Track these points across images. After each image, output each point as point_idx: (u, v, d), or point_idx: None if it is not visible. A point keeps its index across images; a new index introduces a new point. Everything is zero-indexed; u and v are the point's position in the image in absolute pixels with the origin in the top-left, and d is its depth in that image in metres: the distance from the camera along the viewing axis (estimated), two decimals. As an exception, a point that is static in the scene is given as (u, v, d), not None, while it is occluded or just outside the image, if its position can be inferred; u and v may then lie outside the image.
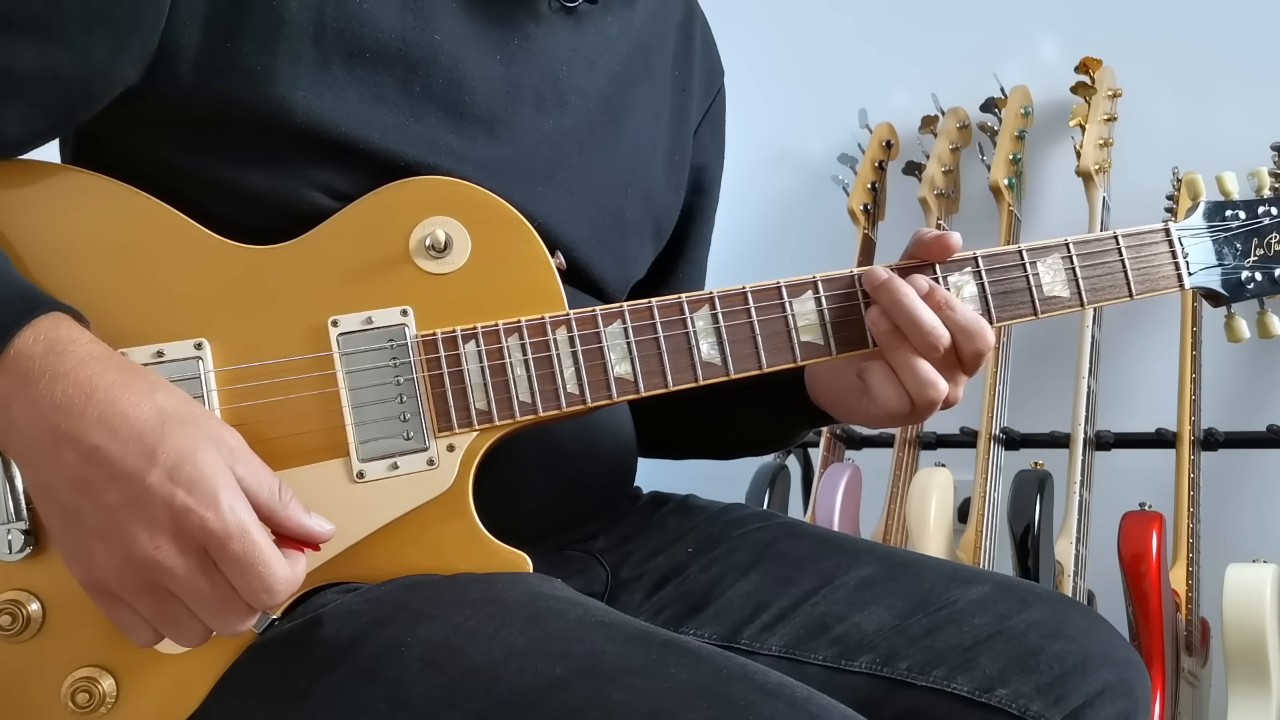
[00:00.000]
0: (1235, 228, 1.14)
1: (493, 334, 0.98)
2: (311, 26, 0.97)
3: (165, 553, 0.83)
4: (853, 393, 1.09)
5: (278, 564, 0.85)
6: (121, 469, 0.83)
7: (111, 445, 0.83)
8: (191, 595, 0.84)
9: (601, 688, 0.83)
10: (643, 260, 1.22)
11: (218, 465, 0.84)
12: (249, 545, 0.83)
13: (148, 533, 0.82)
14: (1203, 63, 2.24)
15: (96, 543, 0.84)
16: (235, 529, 0.83)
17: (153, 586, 0.84)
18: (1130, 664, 1.08)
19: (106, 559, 0.84)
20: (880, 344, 1.03)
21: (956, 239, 1.05)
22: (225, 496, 0.83)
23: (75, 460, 0.83)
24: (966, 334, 1.03)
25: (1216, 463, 2.08)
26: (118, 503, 0.83)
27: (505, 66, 1.06)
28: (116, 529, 0.83)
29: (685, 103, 1.25)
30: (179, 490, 0.82)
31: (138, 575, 0.84)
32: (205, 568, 0.84)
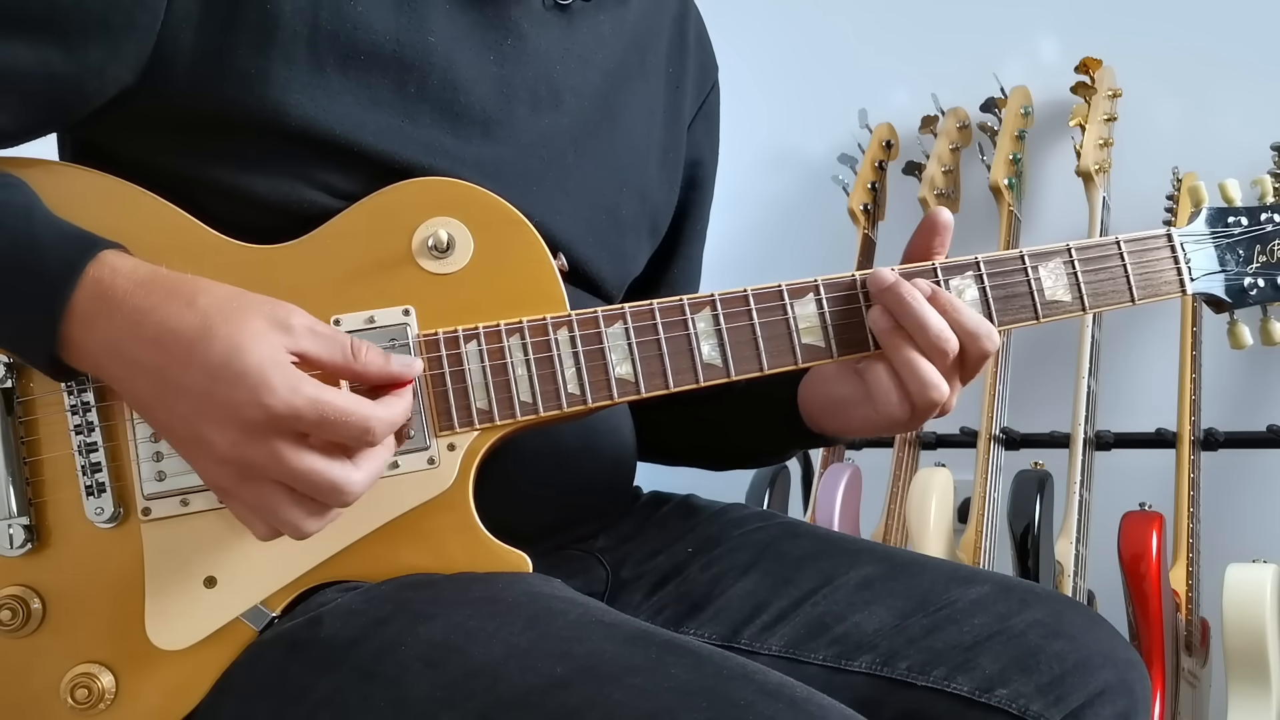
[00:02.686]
0: (1238, 234, 1.14)
1: (494, 334, 0.98)
2: (305, 29, 0.97)
3: (243, 447, 0.85)
4: (848, 402, 1.09)
5: (363, 406, 0.87)
6: (182, 383, 0.86)
7: (168, 363, 0.86)
8: (287, 478, 0.86)
9: (601, 688, 0.83)
10: (640, 258, 1.22)
11: (268, 351, 0.85)
12: (324, 409, 0.85)
13: (219, 433, 0.85)
14: (1203, 63, 2.24)
15: (191, 449, 0.88)
16: (302, 401, 0.85)
17: (251, 479, 0.87)
18: (1130, 664, 1.08)
19: (203, 461, 0.88)
20: (882, 343, 1.03)
21: (946, 215, 1.05)
22: (277, 377, 0.85)
23: (146, 382, 0.87)
24: (972, 336, 1.02)
25: (1216, 463, 2.08)
26: (189, 412, 0.86)
27: (499, 67, 1.06)
28: (197, 436, 0.86)
29: (679, 99, 1.25)
30: (233, 388, 0.84)
31: (232, 473, 0.87)
32: (287, 451, 0.85)
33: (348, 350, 0.89)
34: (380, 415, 0.88)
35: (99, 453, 0.95)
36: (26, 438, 0.95)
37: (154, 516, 0.95)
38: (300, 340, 0.87)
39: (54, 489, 0.95)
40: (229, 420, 0.85)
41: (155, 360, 0.86)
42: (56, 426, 0.95)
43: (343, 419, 0.86)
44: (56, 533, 0.95)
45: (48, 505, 0.95)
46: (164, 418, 0.88)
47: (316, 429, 0.85)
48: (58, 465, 0.95)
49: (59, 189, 0.97)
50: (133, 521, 0.95)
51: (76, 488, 0.95)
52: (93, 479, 0.95)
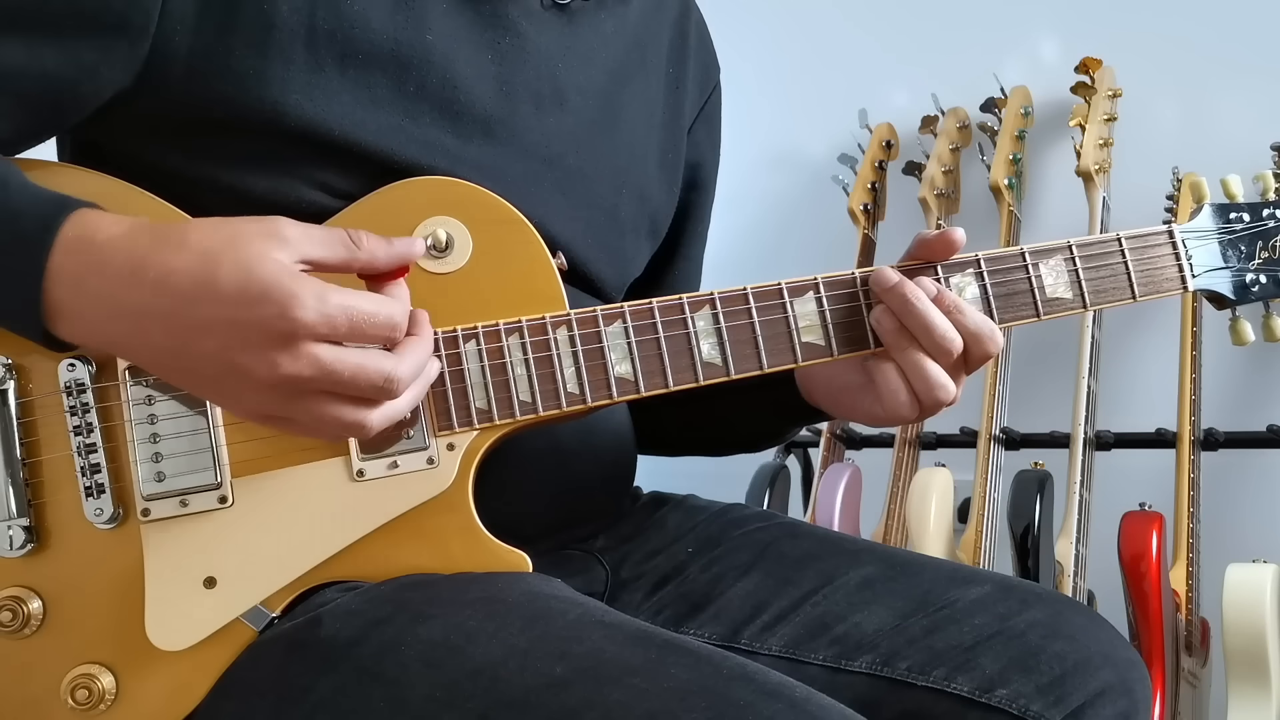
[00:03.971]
0: (1240, 230, 1.14)
1: (493, 333, 0.98)
2: (303, 29, 0.97)
3: (284, 366, 0.83)
4: (853, 391, 1.09)
5: (385, 304, 0.87)
6: (200, 319, 0.84)
7: (179, 305, 0.84)
8: (334, 384, 0.85)
9: (601, 688, 0.83)
10: (639, 259, 1.22)
11: (278, 267, 0.84)
12: (350, 311, 0.85)
13: (256, 358, 0.83)
14: (1203, 63, 2.24)
15: (228, 384, 0.86)
16: (332, 308, 0.84)
17: (300, 394, 0.85)
18: (1130, 664, 1.08)
19: (244, 393, 0.86)
20: (886, 344, 1.03)
21: (960, 235, 1.04)
22: (301, 287, 0.83)
23: (160, 330, 0.85)
24: (976, 338, 1.02)
25: (1216, 463, 2.08)
26: (217, 348, 0.84)
27: (497, 66, 1.06)
28: (233, 369, 0.84)
29: (680, 100, 1.25)
30: (258, 308, 0.83)
31: (279, 396, 0.85)
32: (326, 357, 0.84)
33: (349, 242, 0.88)
34: (401, 309, 0.88)
35: (98, 453, 0.94)
36: (26, 439, 0.95)
37: (153, 517, 0.94)
38: (301, 247, 0.86)
39: (53, 490, 0.95)
40: (263, 341, 0.83)
41: (164, 305, 0.84)
42: (55, 427, 0.95)
43: (371, 318, 0.85)
44: (56, 534, 0.95)
45: (47, 506, 0.95)
46: (187, 364, 0.86)
47: (349, 332, 0.85)
48: (57, 466, 0.95)
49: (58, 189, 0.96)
50: (132, 522, 0.95)
51: (76, 489, 0.95)
52: (92, 480, 0.94)
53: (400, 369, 0.87)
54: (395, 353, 0.87)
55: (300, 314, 0.83)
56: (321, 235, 0.88)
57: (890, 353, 1.03)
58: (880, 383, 1.04)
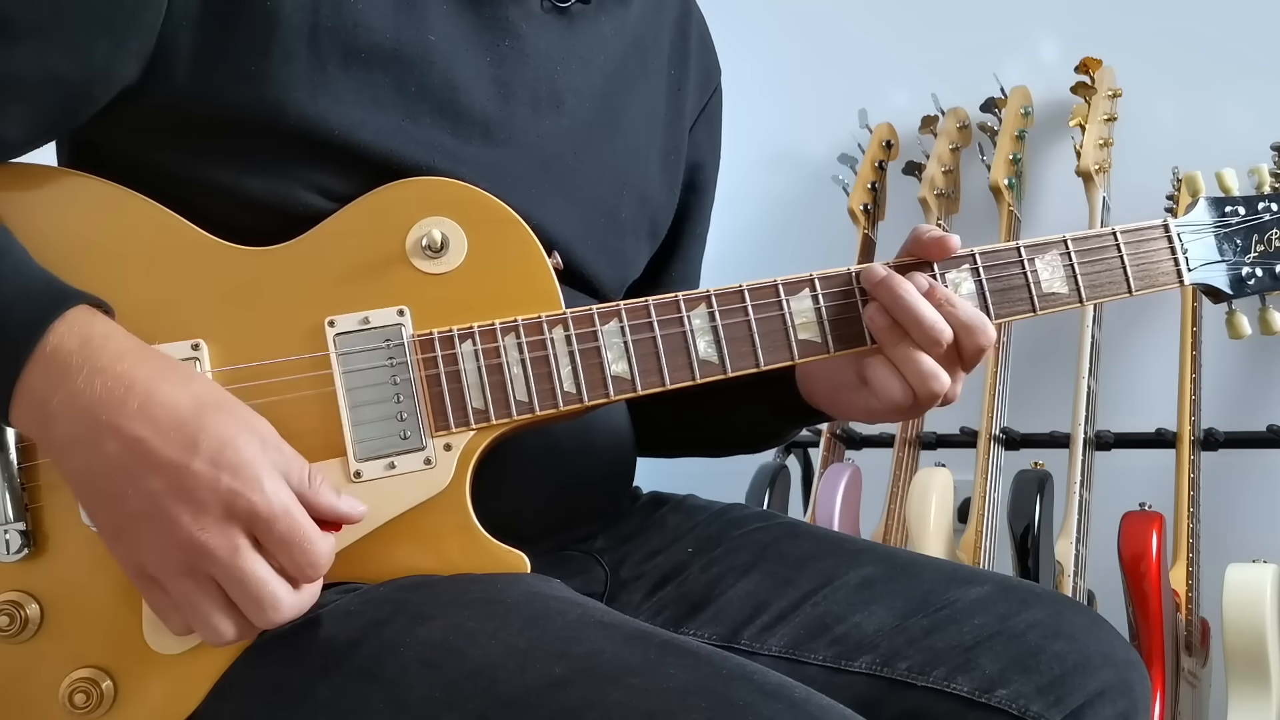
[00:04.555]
0: (1235, 224, 1.14)
1: (489, 333, 0.98)
2: (305, 28, 0.97)
3: (209, 534, 0.84)
4: (850, 388, 1.10)
5: (320, 540, 0.88)
6: (164, 457, 0.85)
7: (153, 436, 0.85)
8: (232, 577, 0.85)
9: (600, 688, 0.82)
10: (639, 260, 1.22)
11: (256, 449, 0.87)
12: (293, 524, 0.86)
13: (191, 515, 0.84)
14: (1203, 62, 2.24)
15: (141, 526, 0.86)
16: (280, 509, 0.86)
17: (194, 571, 0.86)
18: (1130, 664, 1.08)
19: (150, 542, 0.86)
20: (880, 340, 1.03)
21: (955, 240, 1.05)
22: (268, 478, 0.86)
23: (118, 450, 0.85)
24: (968, 330, 1.03)
25: (1216, 463, 2.08)
26: (161, 489, 0.85)
27: (496, 68, 1.05)
28: (160, 513, 0.85)
29: (680, 101, 1.25)
30: (223, 474, 0.85)
31: (180, 558, 0.85)
32: (246, 550, 0.85)
33: (304, 475, 0.89)
34: (328, 554, 0.89)
35: (94, 456, 0.94)
36: (22, 443, 0.95)
37: (150, 519, 0.94)
38: (270, 451, 0.88)
39: (50, 494, 0.95)
40: (207, 504, 0.84)
41: (135, 430, 0.85)
42: (52, 430, 0.95)
43: (305, 543, 0.87)
44: (53, 538, 0.95)
45: (44, 510, 0.95)
46: (118, 487, 0.86)
47: (280, 543, 0.86)
48: (54, 470, 0.95)
49: (53, 195, 0.96)
50: (129, 524, 0.95)
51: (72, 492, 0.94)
52: (89, 483, 0.94)
53: (289, 601, 0.88)
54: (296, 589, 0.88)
55: (256, 498, 0.85)
56: (290, 455, 0.89)
57: (883, 348, 1.04)
58: (874, 377, 1.04)
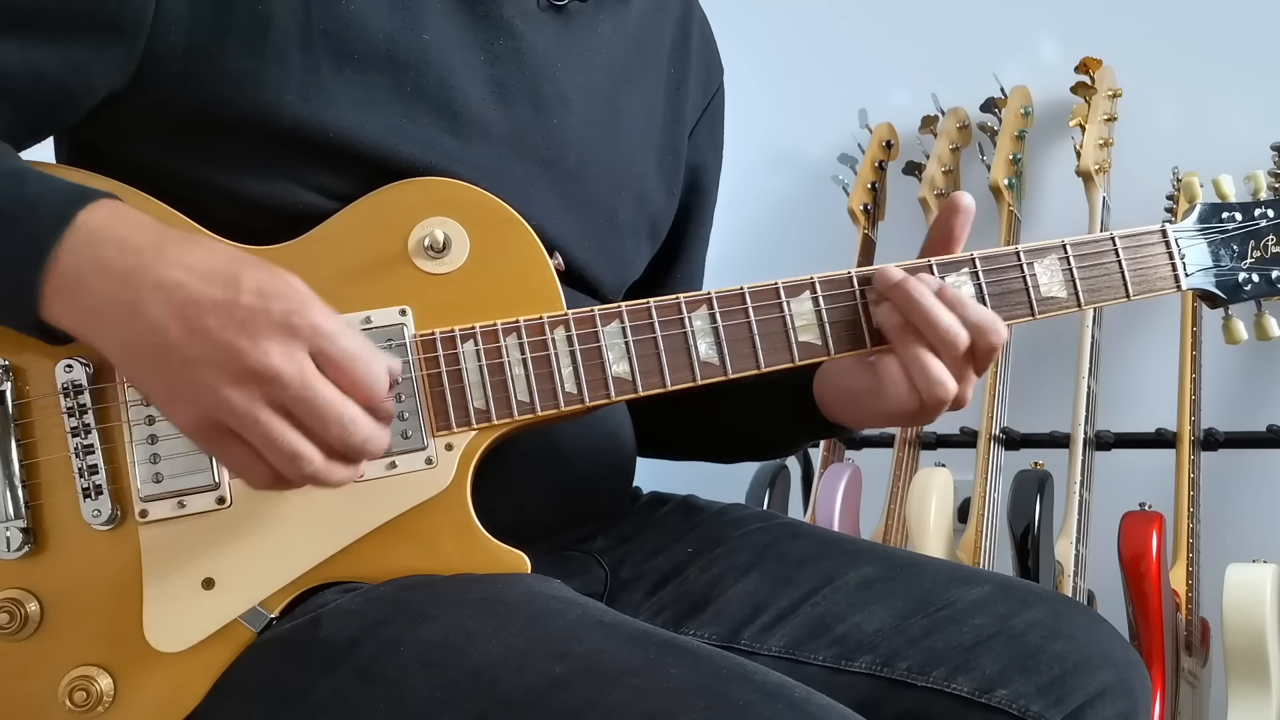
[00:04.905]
0: (1232, 230, 1.14)
1: (491, 334, 0.98)
2: (298, 29, 0.97)
3: (274, 356, 0.83)
4: (863, 394, 1.08)
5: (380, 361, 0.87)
6: (212, 296, 0.84)
7: (195, 280, 0.84)
8: (305, 398, 0.84)
9: (600, 688, 0.83)
10: (638, 261, 1.21)
11: (298, 284, 0.86)
12: (350, 343, 0.85)
13: (251, 341, 0.83)
14: (1203, 63, 2.24)
15: (201, 371, 0.84)
16: (340, 328, 0.85)
17: (266, 400, 0.84)
18: (1130, 664, 1.08)
19: (214, 382, 0.83)
20: (892, 341, 1.03)
21: (968, 199, 1.05)
22: (318, 302, 0.85)
23: (162, 300, 0.84)
24: (980, 330, 1.02)
25: (1216, 463, 2.08)
26: (216, 324, 0.83)
27: (491, 67, 1.05)
28: (219, 349, 0.83)
29: (681, 102, 1.25)
30: (273, 301, 0.84)
31: (248, 390, 0.83)
32: (313, 370, 0.84)
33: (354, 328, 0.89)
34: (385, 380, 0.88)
35: (95, 455, 0.94)
36: (23, 440, 0.95)
37: (151, 518, 0.94)
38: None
39: (51, 491, 0.95)
40: (264, 328, 0.83)
41: (177, 275, 0.84)
42: (53, 429, 0.95)
43: (367, 367, 0.86)
44: (54, 535, 0.95)
45: (45, 508, 0.95)
46: (171, 339, 0.84)
47: (341, 361, 0.85)
48: (55, 468, 0.95)
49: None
50: (130, 523, 0.95)
51: (73, 490, 0.94)
52: (89, 481, 0.94)
53: (362, 424, 0.86)
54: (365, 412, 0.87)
55: (313, 315, 0.84)
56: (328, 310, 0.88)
57: (895, 349, 1.03)
58: (884, 378, 1.04)
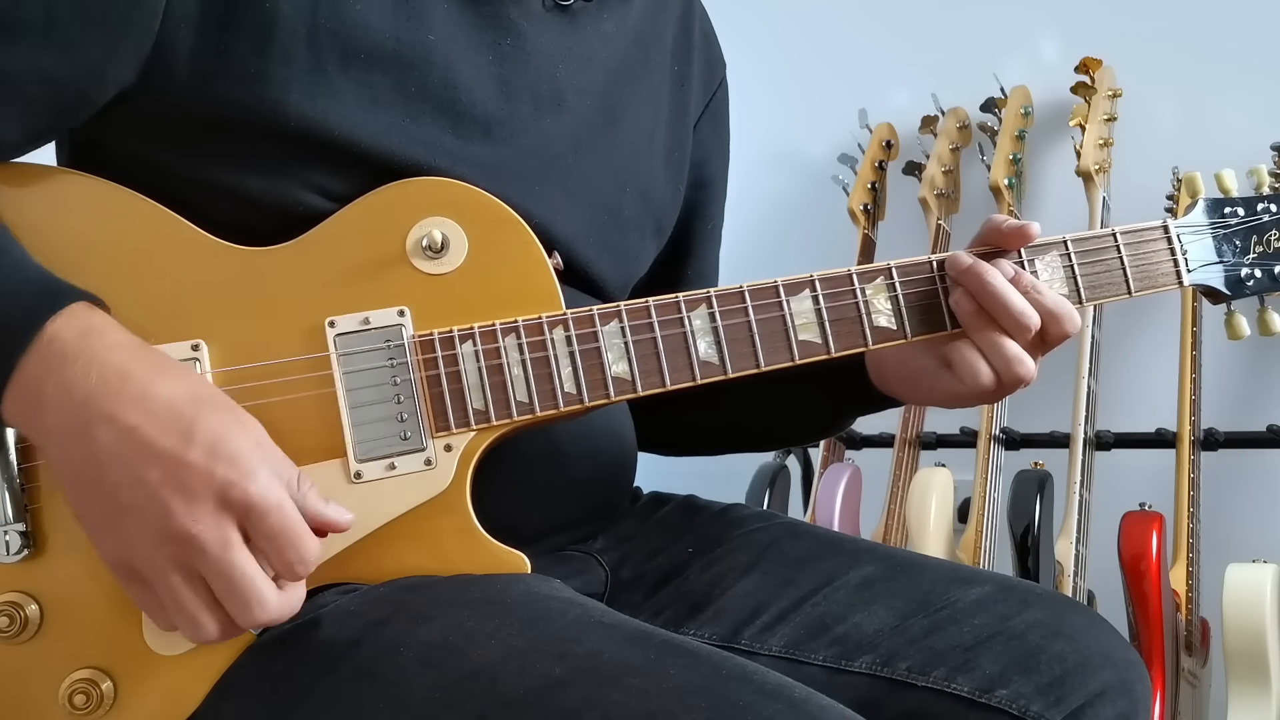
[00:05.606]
0: (1234, 225, 1.14)
1: (490, 334, 0.98)
2: (304, 28, 0.97)
3: (202, 525, 0.83)
4: (929, 374, 1.10)
5: (310, 538, 0.87)
6: (160, 446, 0.84)
7: (149, 425, 0.84)
8: (220, 572, 0.84)
9: (600, 688, 0.83)
10: (643, 258, 1.21)
11: (251, 443, 0.86)
12: (285, 518, 0.85)
13: (185, 505, 0.83)
14: (1203, 63, 2.24)
15: (130, 518, 0.85)
16: (274, 501, 0.85)
17: (182, 565, 0.85)
18: (1130, 664, 1.08)
19: (139, 534, 0.85)
20: (965, 325, 1.05)
21: (1036, 228, 1.06)
22: (263, 471, 0.85)
23: (112, 439, 0.84)
24: (1055, 317, 1.04)
25: (1216, 463, 2.08)
26: (156, 478, 0.84)
27: (498, 66, 1.05)
28: (153, 502, 0.84)
29: (684, 98, 1.25)
30: (219, 465, 0.84)
31: (169, 551, 0.84)
32: (237, 545, 0.85)
33: (293, 480, 0.88)
34: (318, 553, 0.88)
35: (94, 457, 0.94)
36: (21, 444, 0.95)
37: (150, 519, 0.94)
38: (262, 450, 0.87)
39: (49, 495, 0.94)
40: (201, 494, 0.84)
41: (133, 418, 0.84)
42: (51, 431, 0.95)
43: (296, 539, 0.86)
44: (53, 539, 0.95)
45: (43, 511, 0.95)
46: (111, 476, 0.85)
47: (271, 537, 0.85)
48: (54, 472, 0.95)
49: (53, 195, 0.97)
50: (129, 525, 0.94)
51: None
52: (88, 483, 0.94)
53: (275, 600, 0.86)
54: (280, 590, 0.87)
55: (253, 489, 0.84)
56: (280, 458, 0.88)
57: (968, 333, 1.05)
58: (959, 362, 1.05)
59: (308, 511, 0.88)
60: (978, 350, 1.05)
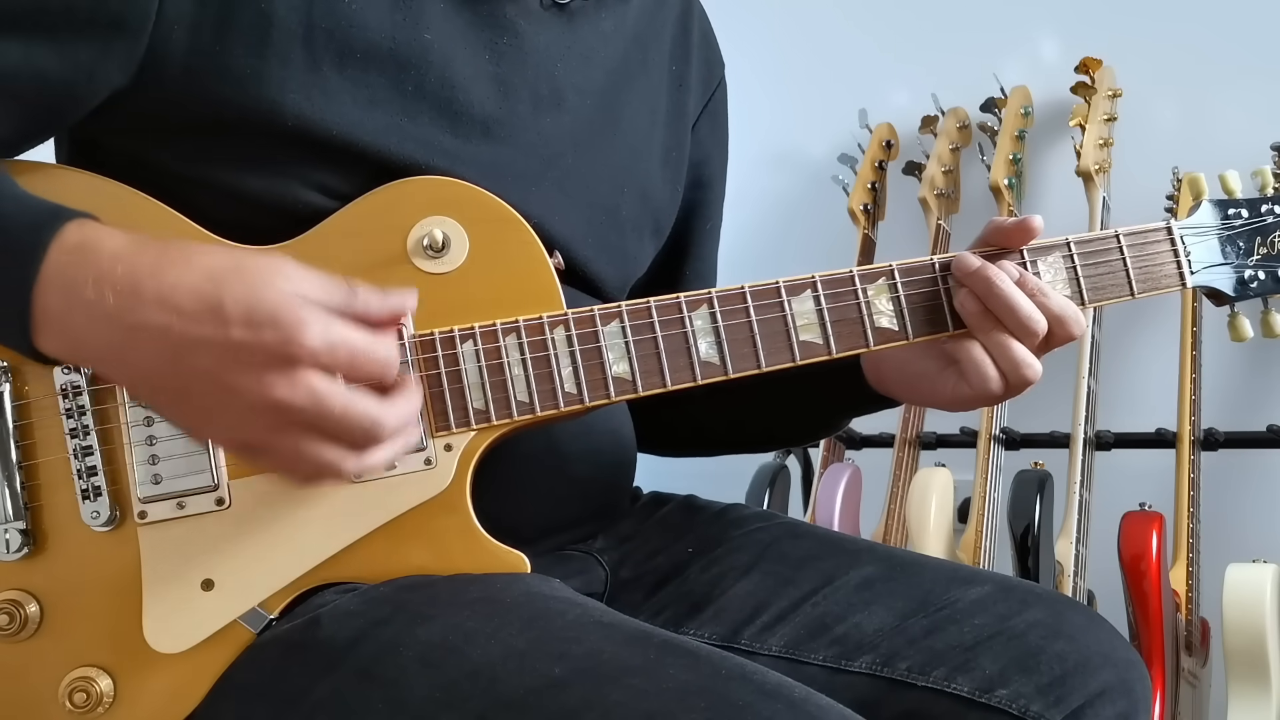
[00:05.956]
0: (1238, 226, 1.14)
1: (490, 334, 0.98)
2: (300, 28, 0.96)
3: (279, 389, 0.83)
4: (931, 376, 1.10)
5: (381, 344, 0.87)
6: (199, 336, 0.83)
7: (179, 321, 0.83)
8: (323, 417, 0.84)
9: (600, 688, 0.83)
10: (642, 258, 1.21)
11: (286, 294, 0.84)
12: (350, 345, 0.85)
13: (254, 379, 0.83)
14: (1203, 63, 2.24)
15: (214, 408, 0.85)
16: (335, 338, 0.84)
17: (286, 425, 0.84)
18: (1130, 664, 1.08)
19: (230, 420, 0.85)
20: (971, 327, 1.04)
21: (1038, 221, 1.06)
22: (307, 313, 0.84)
23: (153, 348, 0.84)
24: (1060, 320, 1.04)
25: (1216, 463, 2.08)
26: (213, 365, 0.83)
27: (495, 65, 1.05)
28: (224, 390, 0.83)
29: (683, 98, 1.25)
30: (265, 331, 0.83)
31: (266, 421, 0.84)
32: (321, 389, 0.84)
33: (342, 292, 0.88)
34: (394, 355, 0.88)
35: (94, 456, 0.94)
36: (22, 441, 0.95)
37: (150, 519, 0.94)
38: (303, 284, 0.86)
39: (50, 493, 0.95)
40: (262, 363, 0.83)
41: (161, 320, 0.83)
42: (52, 430, 0.95)
43: (369, 353, 0.85)
44: (53, 536, 0.95)
45: (44, 509, 0.95)
46: (174, 382, 0.85)
47: (347, 364, 0.85)
48: (54, 469, 0.95)
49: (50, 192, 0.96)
50: (129, 524, 0.95)
51: (73, 491, 0.94)
52: (88, 482, 0.94)
53: (387, 416, 0.87)
54: (384, 401, 0.87)
55: (306, 340, 0.83)
56: (320, 281, 0.87)
57: (975, 334, 1.05)
58: (966, 364, 1.05)
59: (370, 313, 0.88)
60: (985, 353, 1.04)
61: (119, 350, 0.85)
